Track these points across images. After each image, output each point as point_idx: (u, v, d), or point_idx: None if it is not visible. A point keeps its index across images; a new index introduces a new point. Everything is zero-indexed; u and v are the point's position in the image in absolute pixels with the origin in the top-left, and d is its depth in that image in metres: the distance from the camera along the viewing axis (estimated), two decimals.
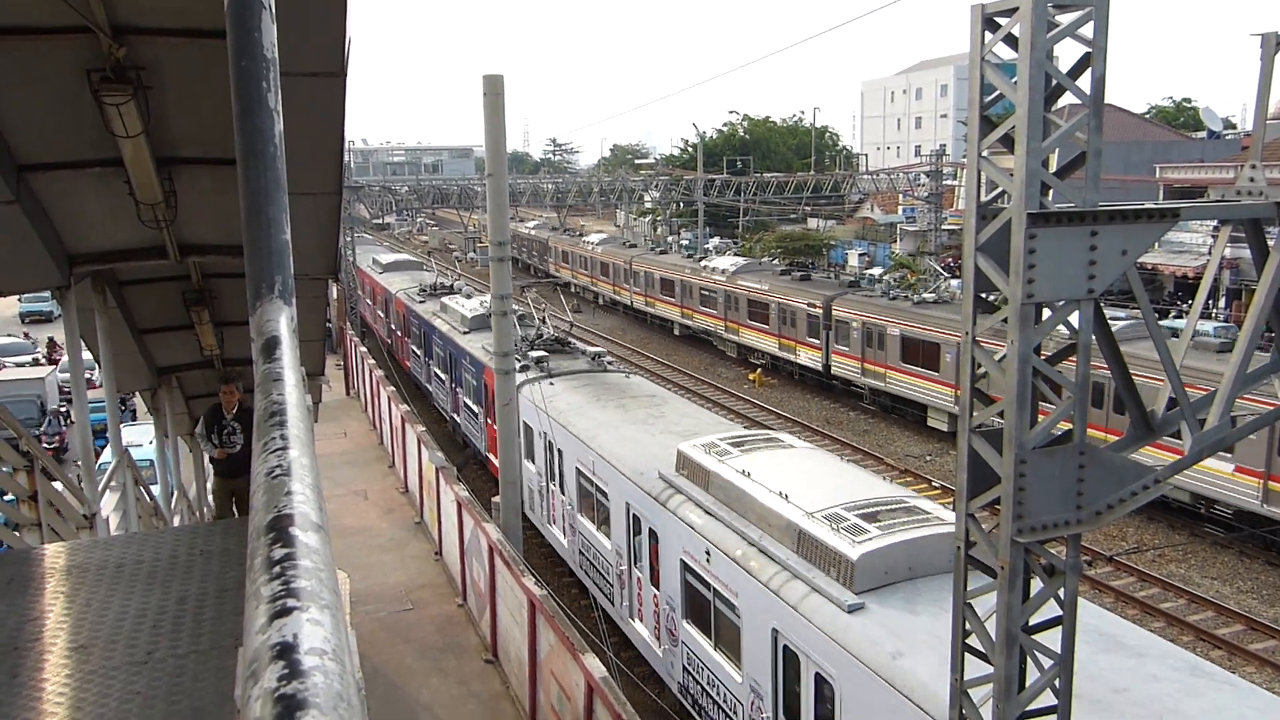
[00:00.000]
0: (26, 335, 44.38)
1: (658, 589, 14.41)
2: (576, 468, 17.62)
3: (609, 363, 23.56)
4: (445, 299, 32.58)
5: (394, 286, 40.85)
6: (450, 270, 43.20)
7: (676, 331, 47.33)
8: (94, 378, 21.49)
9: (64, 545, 5.68)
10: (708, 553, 12.46)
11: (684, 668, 13.48)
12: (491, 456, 23.33)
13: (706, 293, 43.67)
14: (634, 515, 14.98)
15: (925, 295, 33.73)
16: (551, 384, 20.64)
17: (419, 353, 34.79)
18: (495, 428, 20.74)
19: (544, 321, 26.46)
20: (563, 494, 18.87)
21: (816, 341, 36.00)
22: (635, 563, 15.30)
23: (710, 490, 13.14)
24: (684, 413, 18.76)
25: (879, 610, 9.80)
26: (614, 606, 16.35)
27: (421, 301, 35.25)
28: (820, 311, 35.56)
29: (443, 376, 30.37)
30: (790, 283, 38.76)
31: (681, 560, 13.29)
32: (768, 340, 39.22)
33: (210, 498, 13.29)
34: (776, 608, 10.75)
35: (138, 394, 14.24)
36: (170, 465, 14.75)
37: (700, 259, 46.96)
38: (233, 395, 11.37)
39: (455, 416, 28.88)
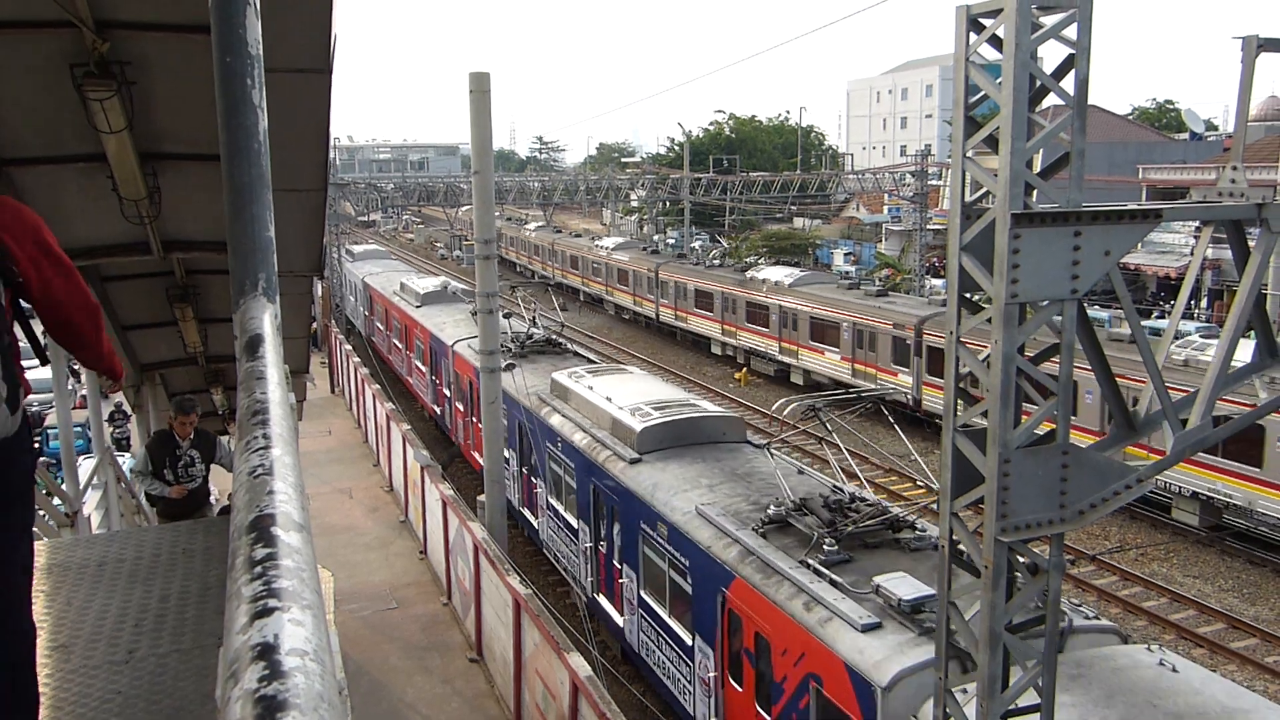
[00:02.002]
0: None
1: None
2: None
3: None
4: (573, 383, 18.20)
5: (448, 333, 27.24)
6: (550, 316, 28.02)
7: (581, 298, 55.17)
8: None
9: (45, 543, 5.64)
10: None
11: None
12: None
13: (596, 265, 54.74)
14: None
15: (714, 260, 46.07)
16: None
17: (510, 458, 20.36)
18: (740, 692, 11.13)
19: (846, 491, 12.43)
20: None
21: (651, 297, 47.03)
22: None
23: None
24: None
25: None
26: None
27: (508, 366, 20.83)
28: (653, 275, 46.55)
29: (577, 525, 16.62)
30: (644, 255, 50.75)
31: None
32: (627, 299, 50.31)
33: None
34: None
35: (126, 402, 14.10)
36: None
37: (595, 240, 58.58)
38: (189, 426, 9.76)
39: (619, 621, 14.96)
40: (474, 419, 22.97)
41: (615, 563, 14.82)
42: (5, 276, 2.78)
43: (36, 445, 3.32)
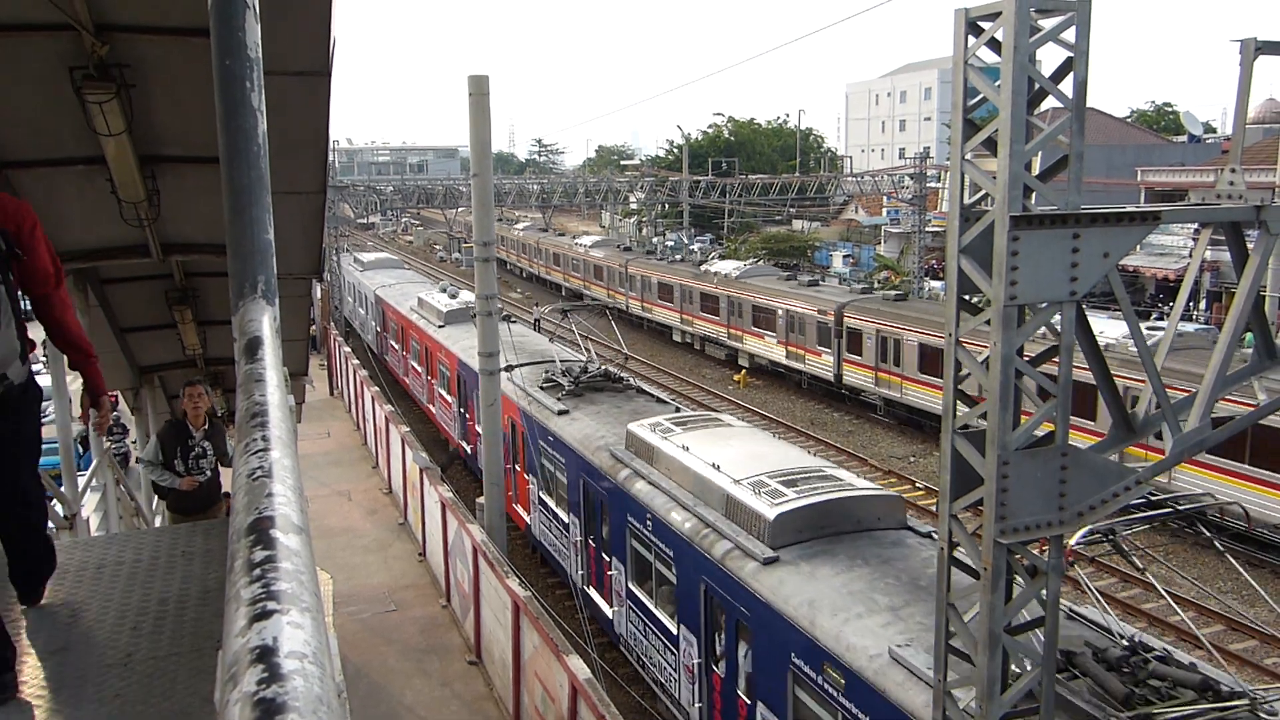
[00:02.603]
0: None
1: None
2: None
3: None
4: (660, 440, 14.45)
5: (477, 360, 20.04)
6: (608, 344, 25.39)
7: (564, 293, 59.13)
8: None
9: None
10: None
11: None
12: None
13: (575, 262, 58.86)
14: None
15: (674, 256, 51.62)
16: None
17: (570, 524, 17.05)
18: None
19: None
20: None
21: (622, 290, 51.07)
22: None
23: None
24: None
25: None
26: None
27: (562, 412, 17.63)
28: (623, 270, 51.09)
29: (678, 633, 13.02)
30: (616, 252, 55.02)
31: None
32: (601, 292, 53.40)
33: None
34: None
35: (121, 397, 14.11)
36: None
37: (575, 238, 63.68)
38: (200, 402, 9.13)
39: None
40: (518, 467, 19.64)
41: (742, 695, 11.34)
42: (8, 253, 3.69)
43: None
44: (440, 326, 29.17)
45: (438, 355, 28.57)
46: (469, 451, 24.32)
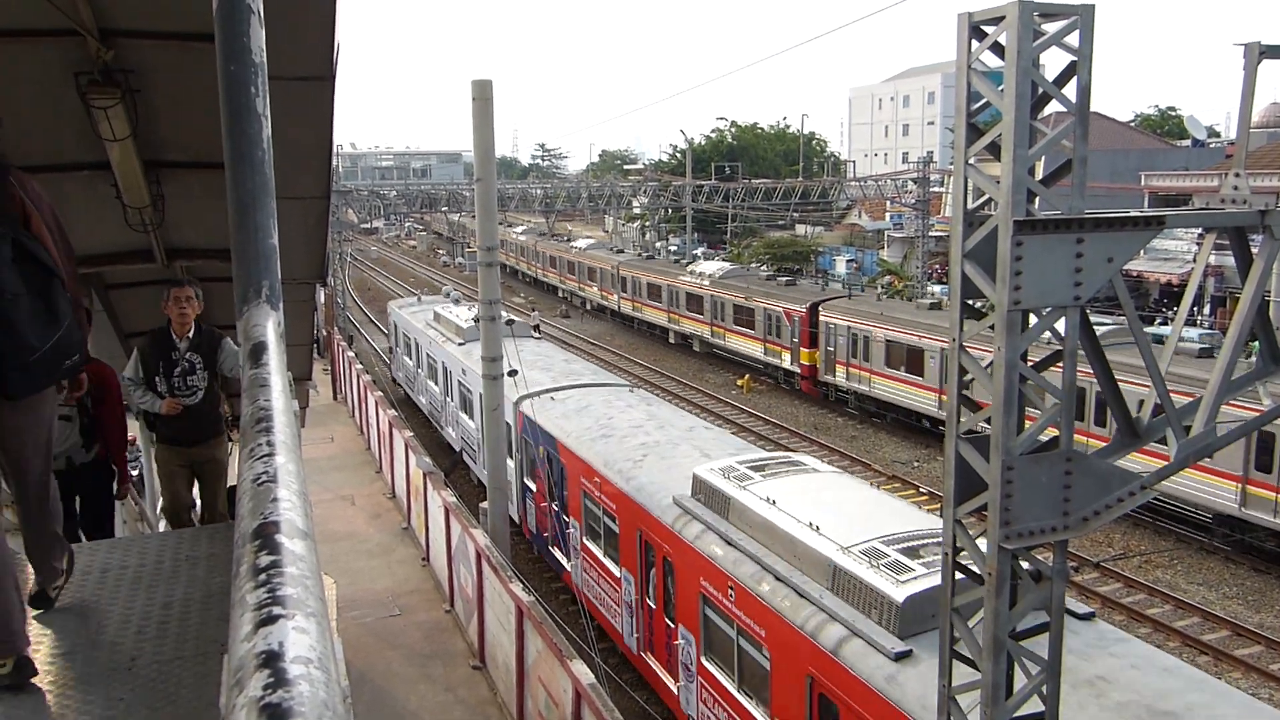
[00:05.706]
0: None
1: None
2: None
3: None
4: None
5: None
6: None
7: (507, 269, 72.10)
8: None
9: None
10: None
11: None
12: None
13: (508, 244, 71.91)
14: None
15: (562, 237, 68.61)
16: None
17: None
18: None
19: None
20: None
21: (534, 262, 68.77)
22: None
23: None
24: None
25: None
26: None
27: None
28: (534, 248, 68.78)
29: None
30: (535, 236, 71.61)
31: None
32: (524, 266, 72.81)
33: (155, 480, 9.41)
34: None
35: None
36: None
37: (510, 227, 77.09)
38: (189, 306, 7.30)
39: None
40: None
41: None
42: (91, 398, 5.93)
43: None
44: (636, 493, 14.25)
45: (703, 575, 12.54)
46: None
